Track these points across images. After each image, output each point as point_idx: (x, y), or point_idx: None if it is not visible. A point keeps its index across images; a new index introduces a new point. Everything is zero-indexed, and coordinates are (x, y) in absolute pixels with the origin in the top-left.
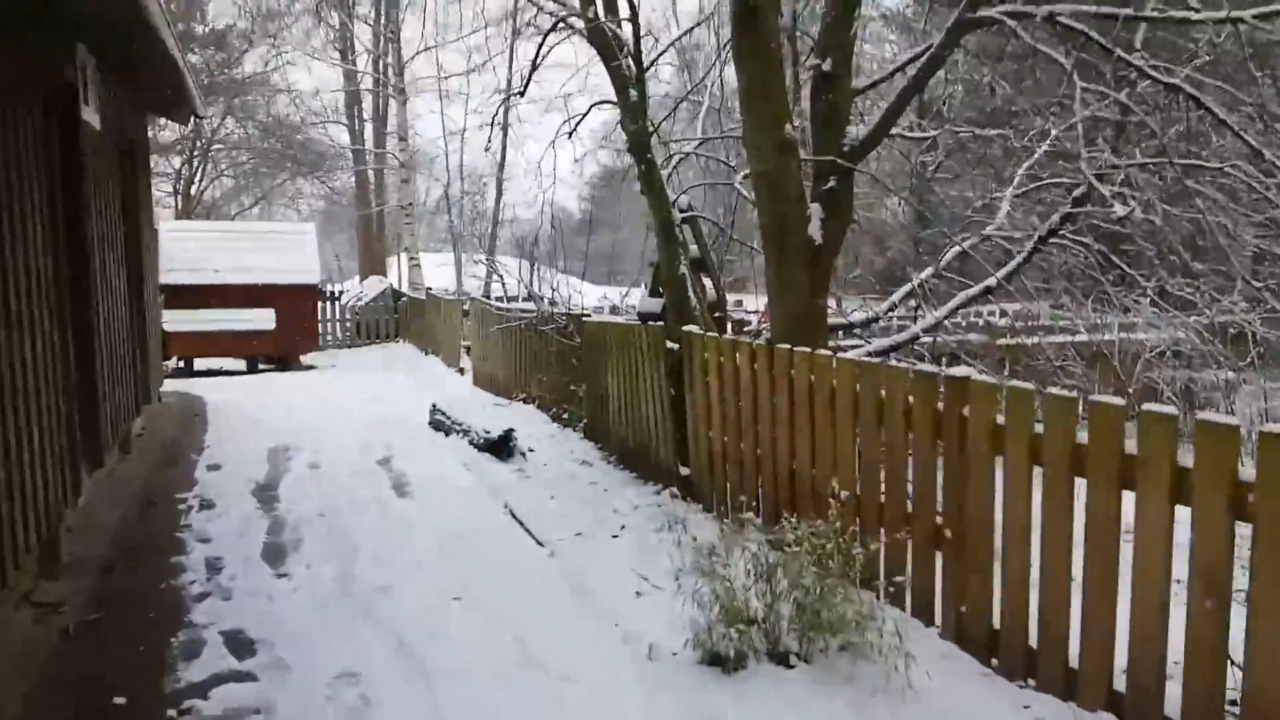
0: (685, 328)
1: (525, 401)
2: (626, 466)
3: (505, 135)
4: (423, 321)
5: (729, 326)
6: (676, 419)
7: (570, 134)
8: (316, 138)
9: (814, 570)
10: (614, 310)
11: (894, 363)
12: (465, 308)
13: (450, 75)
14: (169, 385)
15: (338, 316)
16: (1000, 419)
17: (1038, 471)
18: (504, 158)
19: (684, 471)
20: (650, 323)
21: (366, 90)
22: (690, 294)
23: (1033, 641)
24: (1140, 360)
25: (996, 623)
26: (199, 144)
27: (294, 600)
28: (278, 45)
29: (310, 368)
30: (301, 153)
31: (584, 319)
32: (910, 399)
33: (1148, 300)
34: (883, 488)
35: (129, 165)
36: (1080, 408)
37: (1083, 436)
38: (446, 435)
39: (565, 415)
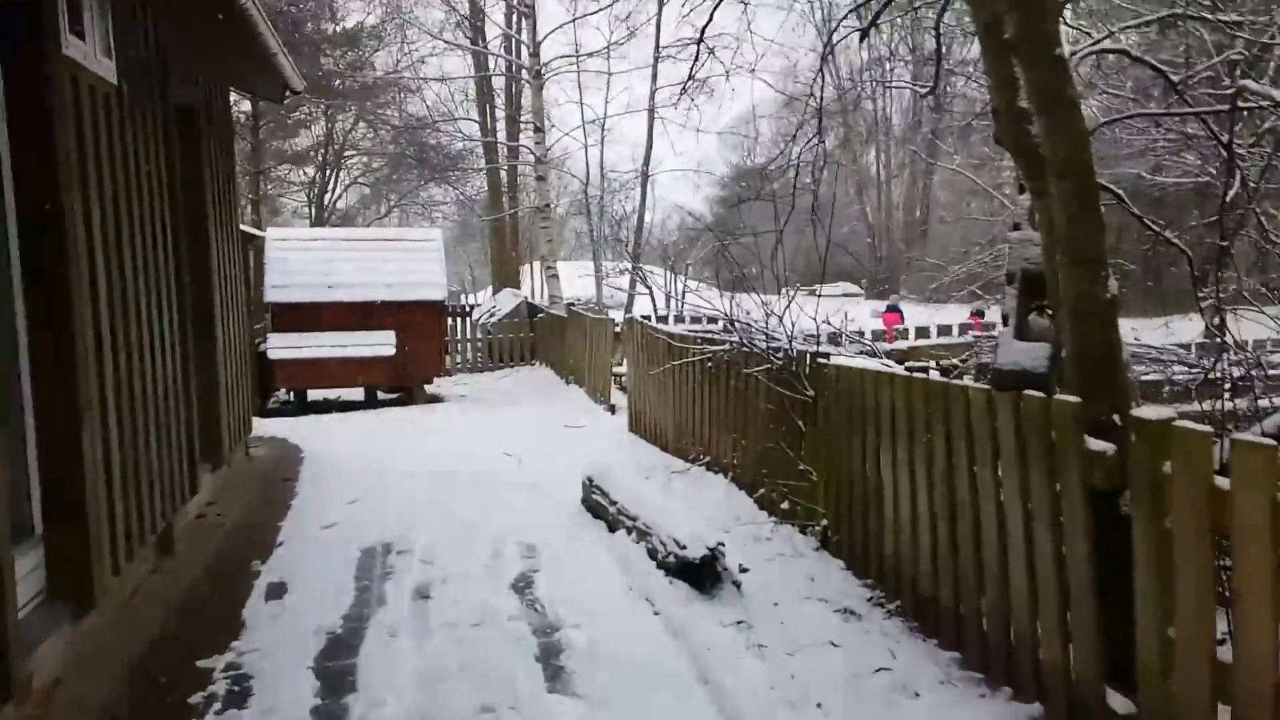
0: (1144, 413)
1: (710, 468)
2: (926, 627)
3: (651, 121)
4: (563, 342)
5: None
6: (1100, 590)
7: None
8: (447, 140)
9: None
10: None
11: None
12: (617, 329)
13: (590, 54)
14: (272, 426)
15: (469, 336)
16: None
17: None
18: (650, 148)
19: (1121, 707)
20: (1024, 390)
21: (498, 75)
22: (1120, 341)
23: None
24: None
25: None
26: (330, 150)
27: None
28: (407, 37)
29: (436, 399)
30: (433, 154)
31: (821, 361)
32: None
33: None
34: None
35: (189, 146)
36: None
37: None
38: (611, 530)
39: (786, 505)
